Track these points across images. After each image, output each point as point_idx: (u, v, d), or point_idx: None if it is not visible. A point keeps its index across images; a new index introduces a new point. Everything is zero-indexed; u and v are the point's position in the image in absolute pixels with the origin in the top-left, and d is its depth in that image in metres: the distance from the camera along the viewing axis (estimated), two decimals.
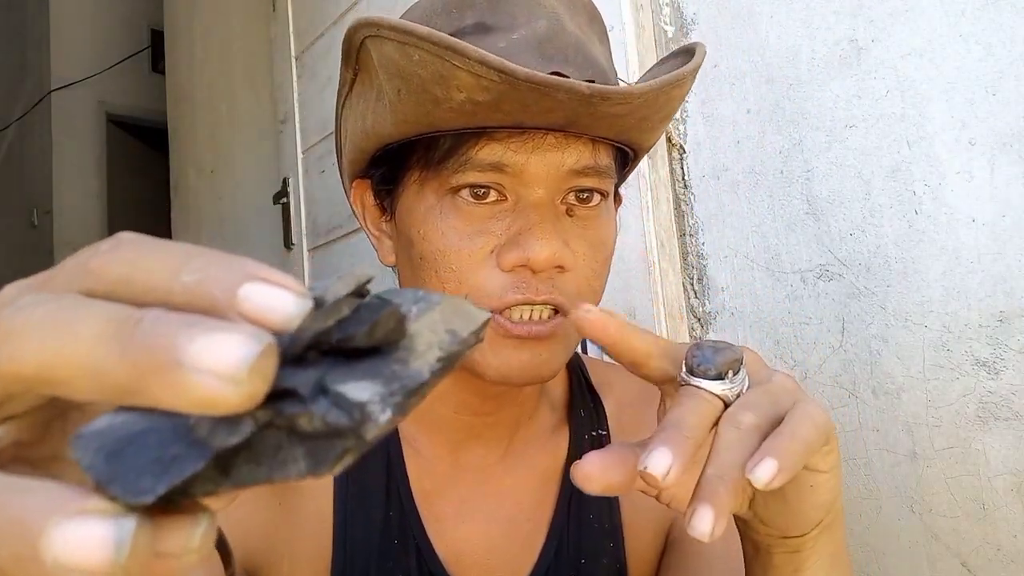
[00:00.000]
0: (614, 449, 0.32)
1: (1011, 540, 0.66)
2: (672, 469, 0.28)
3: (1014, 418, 0.66)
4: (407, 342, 0.18)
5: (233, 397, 0.15)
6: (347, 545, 0.52)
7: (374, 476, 0.54)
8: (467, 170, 0.46)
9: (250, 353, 0.15)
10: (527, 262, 0.45)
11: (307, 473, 0.17)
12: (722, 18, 0.90)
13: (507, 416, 0.55)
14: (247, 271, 0.17)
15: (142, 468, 0.16)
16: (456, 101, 0.43)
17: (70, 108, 4.16)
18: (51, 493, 0.16)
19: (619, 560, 0.56)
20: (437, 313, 0.19)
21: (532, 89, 0.41)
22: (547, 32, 0.46)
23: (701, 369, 0.33)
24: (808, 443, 0.31)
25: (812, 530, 0.37)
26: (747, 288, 0.87)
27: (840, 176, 0.79)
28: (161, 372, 0.15)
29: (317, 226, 1.75)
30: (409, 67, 0.43)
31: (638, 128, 0.48)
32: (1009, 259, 0.67)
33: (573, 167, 0.47)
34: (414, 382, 0.17)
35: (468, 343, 0.20)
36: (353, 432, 0.16)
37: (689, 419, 0.31)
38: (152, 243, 0.18)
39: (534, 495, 0.56)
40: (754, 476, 0.29)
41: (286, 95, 1.86)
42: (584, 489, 0.31)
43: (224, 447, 0.16)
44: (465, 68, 0.41)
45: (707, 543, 0.29)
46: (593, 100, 0.42)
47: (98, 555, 0.15)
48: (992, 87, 0.68)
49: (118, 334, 0.16)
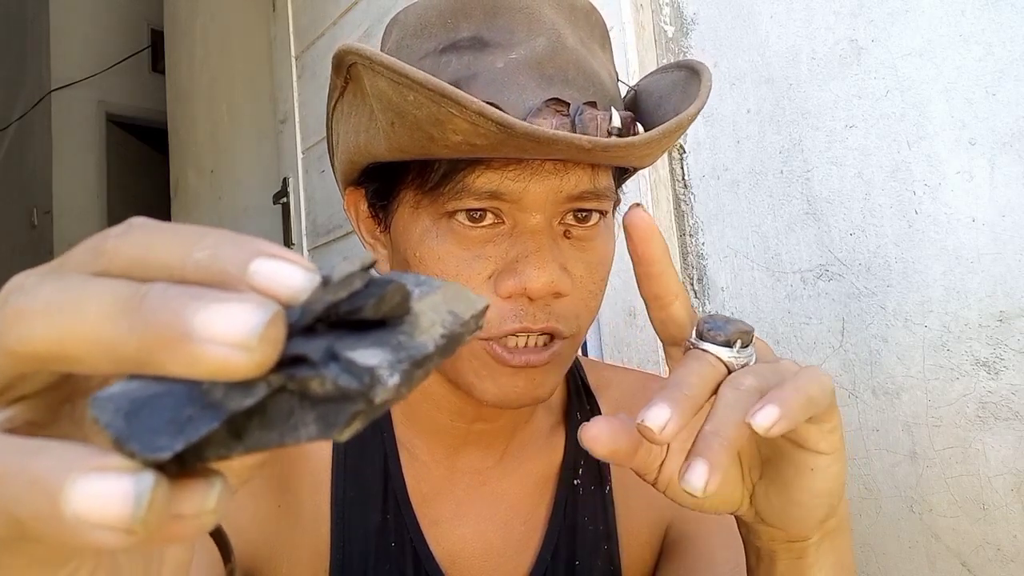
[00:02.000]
0: (621, 418, 0.32)
1: (1011, 540, 0.66)
2: (669, 423, 0.29)
3: (1014, 418, 0.66)
4: (411, 318, 0.19)
5: (244, 364, 0.15)
6: (344, 547, 0.52)
7: (371, 479, 0.54)
8: (464, 197, 0.45)
9: (260, 320, 0.15)
10: (524, 292, 0.44)
11: (317, 436, 0.17)
12: (722, 18, 0.90)
13: (504, 424, 0.55)
14: (258, 248, 0.17)
15: (159, 427, 0.16)
16: (452, 142, 0.42)
17: (70, 108, 4.16)
18: (70, 451, 0.16)
19: (613, 563, 0.56)
20: (439, 296, 0.20)
21: (530, 140, 0.40)
22: (546, 51, 0.45)
23: (711, 334, 0.33)
24: (811, 397, 0.31)
25: (816, 534, 0.36)
26: (747, 288, 0.87)
27: (840, 176, 0.79)
28: (171, 343, 0.16)
29: (317, 226, 1.75)
30: (404, 105, 0.41)
31: (639, 160, 0.47)
32: (1009, 259, 0.67)
33: (571, 192, 0.46)
34: (420, 352, 0.18)
35: (469, 327, 0.20)
36: (363, 396, 0.17)
37: (691, 379, 0.31)
38: (164, 225, 0.19)
39: (530, 498, 0.56)
40: (754, 420, 0.29)
41: (286, 95, 1.86)
42: (591, 451, 0.31)
43: (238, 409, 0.17)
44: (462, 116, 0.40)
45: (713, 546, 0.29)
46: (595, 153, 0.42)
47: (118, 509, 0.15)
48: (992, 87, 0.68)
49: (125, 308, 0.16)
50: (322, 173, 1.70)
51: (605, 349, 0.98)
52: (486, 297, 0.22)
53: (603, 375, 0.63)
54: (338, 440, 0.17)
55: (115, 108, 4.35)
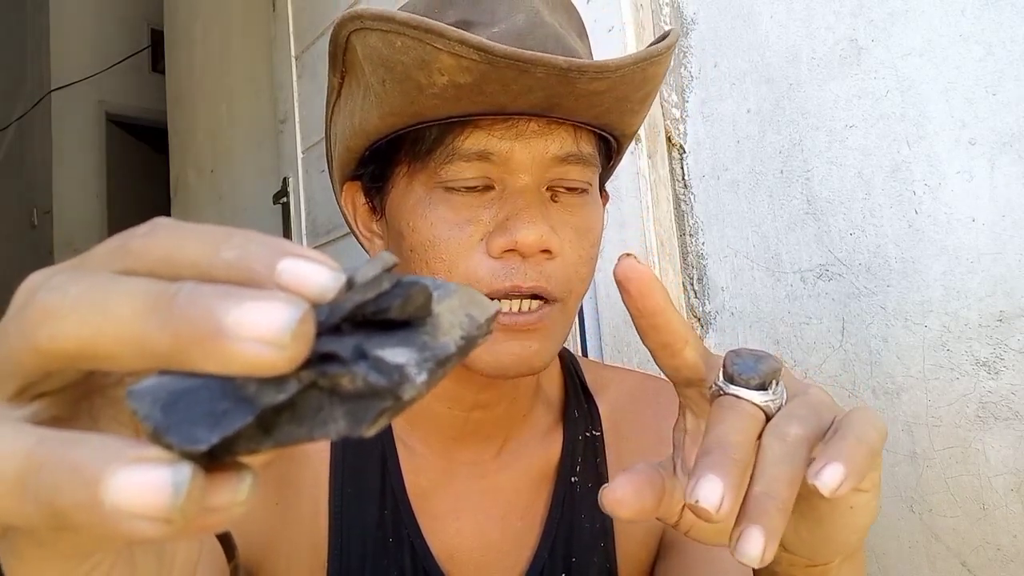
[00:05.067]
0: (640, 471, 0.30)
1: (1011, 540, 0.66)
2: (725, 500, 0.26)
3: (1014, 418, 0.66)
4: (432, 320, 0.19)
5: (277, 360, 0.16)
6: (343, 543, 0.52)
7: (369, 474, 0.54)
8: (454, 160, 0.47)
9: (292, 317, 0.16)
10: (515, 246, 0.46)
11: (345, 432, 0.18)
12: (722, 18, 0.90)
13: (501, 413, 0.55)
14: (285, 248, 0.18)
15: (195, 420, 0.17)
16: (439, 85, 0.44)
17: (70, 108, 4.16)
18: (108, 443, 0.16)
19: (610, 560, 0.56)
20: (456, 299, 0.21)
21: (511, 66, 0.42)
22: (526, 25, 0.47)
23: (743, 378, 0.30)
24: (873, 448, 0.29)
25: (837, 558, 0.34)
26: (747, 288, 0.87)
27: (840, 176, 0.79)
28: (205, 340, 0.16)
29: (317, 226, 1.75)
30: (392, 55, 0.44)
31: (618, 109, 0.49)
32: (1009, 259, 0.67)
33: (557, 153, 0.48)
34: (443, 352, 0.18)
35: (483, 330, 0.21)
36: (391, 392, 0.17)
37: (734, 437, 0.28)
38: (189, 225, 0.19)
39: (528, 494, 0.56)
40: (820, 482, 0.27)
41: (286, 95, 1.86)
42: (615, 515, 0.29)
43: (271, 404, 0.17)
44: (446, 50, 0.42)
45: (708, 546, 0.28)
46: (571, 75, 0.43)
47: (157, 499, 0.15)
48: (992, 87, 0.68)
49: (157, 306, 0.17)
50: (322, 173, 1.70)
51: (605, 349, 0.98)
52: (497, 303, 0.22)
53: (601, 375, 0.63)
54: (365, 436, 0.18)
55: (115, 108, 4.35)
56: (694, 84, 0.94)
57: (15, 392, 0.19)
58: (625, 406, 0.61)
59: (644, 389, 0.62)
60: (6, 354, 0.18)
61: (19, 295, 0.19)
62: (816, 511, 0.32)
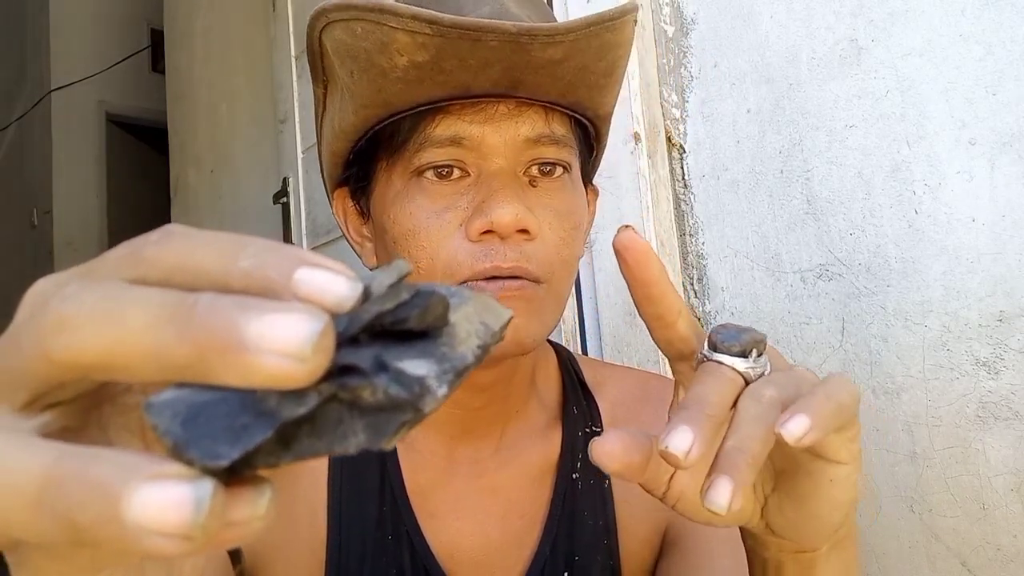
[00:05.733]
0: (631, 431, 0.31)
1: (1011, 540, 0.66)
2: (694, 447, 0.27)
3: (1014, 418, 0.66)
4: (450, 329, 0.19)
5: (298, 373, 0.16)
6: (342, 541, 0.52)
7: (368, 473, 0.54)
8: (427, 147, 0.48)
9: (313, 330, 0.16)
10: (491, 226, 0.46)
11: (365, 445, 0.18)
12: (722, 18, 0.90)
13: (497, 409, 0.56)
14: (302, 257, 0.18)
15: (216, 435, 0.17)
16: (400, 67, 0.45)
17: (70, 108, 4.16)
18: (128, 459, 0.16)
19: (612, 557, 0.56)
20: (471, 307, 0.21)
21: (463, 36, 0.43)
22: (491, 14, 0.48)
23: (725, 345, 0.32)
24: (841, 405, 0.30)
25: (826, 544, 0.35)
26: (747, 288, 0.87)
27: (840, 176, 0.79)
28: (225, 353, 0.16)
29: (317, 226, 1.75)
30: (355, 43, 0.45)
31: (583, 83, 0.49)
32: (1009, 259, 0.67)
33: (529, 135, 0.48)
34: (462, 363, 0.18)
35: (497, 337, 0.21)
36: (412, 405, 0.17)
37: (710, 397, 0.30)
38: (203, 233, 0.19)
39: (528, 491, 0.56)
40: (784, 430, 0.28)
41: (286, 95, 1.86)
42: (603, 467, 0.30)
43: (291, 417, 0.17)
44: (400, 27, 0.43)
45: (712, 545, 0.28)
46: (522, 40, 0.43)
47: (178, 516, 0.15)
48: (992, 87, 0.68)
49: (175, 317, 0.16)
50: None
51: (605, 349, 0.98)
52: (510, 310, 0.22)
53: (600, 372, 0.63)
54: (385, 449, 0.18)
55: (115, 108, 4.35)
56: (694, 84, 0.94)
57: (26, 402, 0.19)
58: (626, 404, 0.61)
59: (645, 387, 0.63)
60: (18, 364, 0.18)
61: (28, 302, 0.19)
62: (798, 486, 0.34)
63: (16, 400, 0.19)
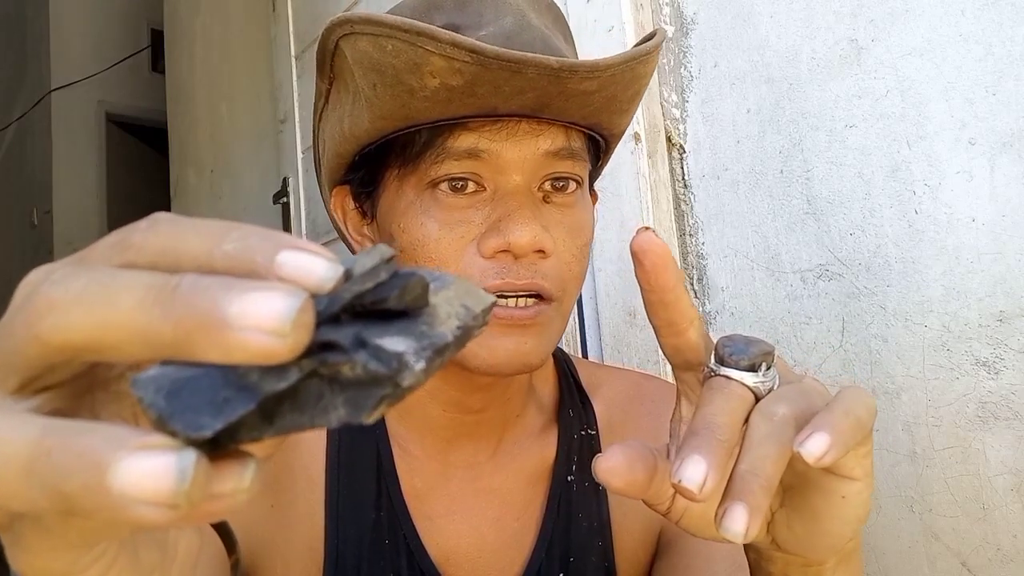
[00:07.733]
0: (634, 446, 0.30)
1: (1011, 540, 0.66)
2: (708, 479, 0.26)
3: (1014, 418, 0.66)
4: (430, 310, 0.20)
5: (279, 349, 0.16)
6: (338, 545, 0.52)
7: (364, 476, 0.54)
8: (444, 160, 0.47)
9: (292, 307, 0.16)
10: (508, 247, 0.46)
11: (346, 419, 0.18)
12: (722, 18, 0.90)
13: (495, 414, 0.55)
14: (284, 240, 0.18)
15: (199, 407, 0.17)
16: (430, 88, 0.44)
17: (70, 108, 4.16)
18: (115, 430, 0.17)
19: (608, 558, 0.56)
20: (452, 290, 0.21)
21: (503, 67, 0.42)
22: (514, 27, 0.47)
23: (733, 359, 0.31)
24: (860, 421, 0.29)
25: (833, 558, 0.34)
26: (747, 288, 0.87)
27: (840, 176, 0.79)
28: (208, 330, 0.16)
29: (317, 226, 1.75)
30: (383, 59, 0.44)
31: (607, 109, 0.49)
32: (1009, 259, 0.67)
33: (548, 149, 0.48)
34: (440, 341, 0.19)
35: (479, 321, 0.21)
36: (391, 380, 0.18)
37: (720, 419, 0.29)
38: (189, 220, 0.19)
39: (524, 494, 0.56)
40: (805, 450, 0.27)
41: (286, 95, 1.86)
42: (606, 485, 0.30)
43: (272, 392, 0.18)
44: (438, 52, 0.42)
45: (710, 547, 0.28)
46: (562, 75, 0.43)
47: (162, 484, 0.16)
48: (992, 87, 0.68)
49: (159, 297, 0.17)
50: None
51: (605, 349, 0.98)
52: (492, 295, 0.22)
53: (596, 374, 0.63)
54: (365, 423, 0.18)
55: (115, 108, 4.34)
56: (694, 84, 0.94)
57: (19, 385, 0.19)
58: (621, 405, 0.61)
59: (640, 388, 0.63)
60: (10, 347, 0.19)
61: (21, 291, 0.19)
62: (809, 503, 0.32)
63: (8, 383, 0.19)
